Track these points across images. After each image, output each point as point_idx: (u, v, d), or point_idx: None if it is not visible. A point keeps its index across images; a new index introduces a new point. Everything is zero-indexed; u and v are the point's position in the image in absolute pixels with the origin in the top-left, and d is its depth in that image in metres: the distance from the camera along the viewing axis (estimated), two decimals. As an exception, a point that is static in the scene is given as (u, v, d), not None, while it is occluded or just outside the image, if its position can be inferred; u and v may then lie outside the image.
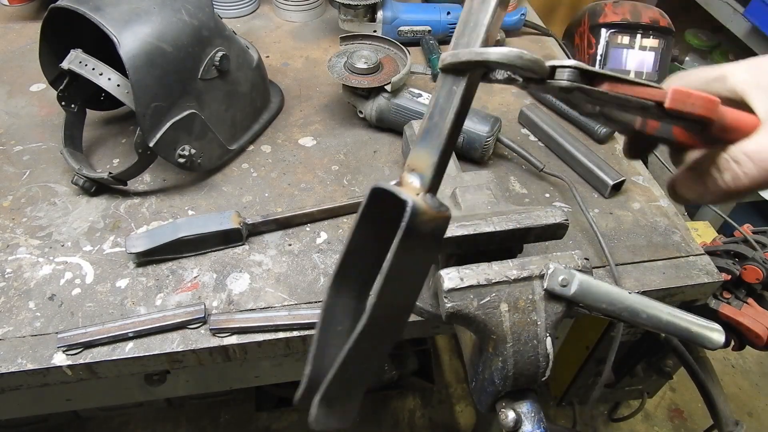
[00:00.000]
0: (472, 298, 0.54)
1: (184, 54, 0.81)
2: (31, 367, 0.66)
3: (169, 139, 0.83)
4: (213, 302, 0.74)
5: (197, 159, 0.87)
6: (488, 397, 0.58)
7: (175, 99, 0.82)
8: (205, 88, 0.86)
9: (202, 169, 0.90)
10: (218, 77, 0.87)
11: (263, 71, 1.01)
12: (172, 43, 0.80)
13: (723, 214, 1.10)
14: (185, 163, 0.85)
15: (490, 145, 0.93)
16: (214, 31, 0.85)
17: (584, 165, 0.94)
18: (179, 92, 0.82)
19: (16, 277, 0.76)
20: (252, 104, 0.97)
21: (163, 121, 0.81)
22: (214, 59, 0.85)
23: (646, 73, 1.71)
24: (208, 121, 0.88)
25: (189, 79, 0.83)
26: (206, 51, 0.84)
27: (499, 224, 0.61)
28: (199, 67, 0.84)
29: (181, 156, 0.85)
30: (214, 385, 0.98)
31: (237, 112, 0.94)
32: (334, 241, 0.83)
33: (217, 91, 0.89)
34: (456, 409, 1.74)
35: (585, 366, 1.24)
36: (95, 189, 0.87)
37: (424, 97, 0.96)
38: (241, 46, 0.93)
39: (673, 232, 0.87)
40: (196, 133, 0.86)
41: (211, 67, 0.85)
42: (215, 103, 0.89)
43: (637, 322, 0.54)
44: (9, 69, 1.13)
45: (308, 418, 0.37)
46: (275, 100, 1.06)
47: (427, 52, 1.18)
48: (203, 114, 0.86)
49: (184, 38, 0.81)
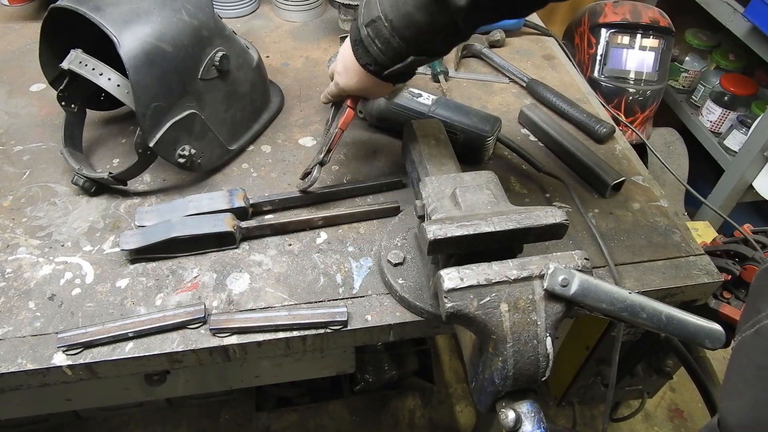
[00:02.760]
0: (472, 298, 0.54)
1: (184, 54, 0.81)
2: (31, 367, 0.66)
3: (169, 139, 0.83)
4: (213, 302, 0.74)
5: (197, 159, 0.87)
6: (488, 397, 0.58)
7: (175, 99, 0.82)
8: (205, 88, 0.86)
9: (202, 169, 0.90)
10: (218, 77, 0.87)
11: (263, 71, 1.01)
12: (172, 43, 0.80)
13: (723, 214, 1.10)
14: (185, 163, 0.85)
15: (490, 144, 0.93)
16: (214, 31, 0.85)
17: (584, 165, 0.94)
18: (179, 92, 0.82)
19: (16, 277, 0.76)
20: (252, 104, 0.97)
21: (163, 121, 0.81)
22: (214, 59, 0.85)
23: (646, 72, 1.71)
24: (208, 121, 0.88)
25: (189, 79, 0.83)
26: (206, 51, 0.84)
27: (499, 224, 0.61)
28: (199, 67, 0.84)
29: (181, 156, 0.85)
30: (214, 385, 0.98)
31: (237, 112, 0.94)
32: (334, 242, 0.83)
33: (217, 91, 0.89)
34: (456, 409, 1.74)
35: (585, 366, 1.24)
36: (95, 189, 0.87)
37: (424, 96, 0.96)
38: (241, 46, 0.93)
39: (673, 232, 0.87)
40: (196, 133, 0.86)
41: (211, 67, 0.85)
42: (215, 103, 0.89)
43: (637, 322, 0.54)
44: (9, 69, 1.13)
45: None
46: (275, 100, 1.06)
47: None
48: (203, 114, 0.86)
49: (184, 38, 0.81)
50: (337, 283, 0.77)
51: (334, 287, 0.77)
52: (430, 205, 0.68)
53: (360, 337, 0.74)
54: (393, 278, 0.74)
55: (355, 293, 0.76)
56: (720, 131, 1.87)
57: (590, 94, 1.16)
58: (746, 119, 1.75)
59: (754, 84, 1.87)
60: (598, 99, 1.15)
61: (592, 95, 1.16)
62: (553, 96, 1.09)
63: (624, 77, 1.69)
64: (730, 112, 1.82)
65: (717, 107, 1.84)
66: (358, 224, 0.85)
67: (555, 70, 1.21)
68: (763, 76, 1.91)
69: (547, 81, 1.15)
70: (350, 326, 0.72)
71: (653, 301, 0.54)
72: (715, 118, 1.86)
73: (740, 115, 1.79)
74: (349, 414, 1.70)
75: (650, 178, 0.97)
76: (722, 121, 1.85)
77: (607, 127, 1.02)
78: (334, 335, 0.72)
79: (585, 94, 1.16)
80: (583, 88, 1.18)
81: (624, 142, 1.05)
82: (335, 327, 0.71)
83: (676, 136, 1.99)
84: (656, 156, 1.09)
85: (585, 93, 1.16)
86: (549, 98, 1.10)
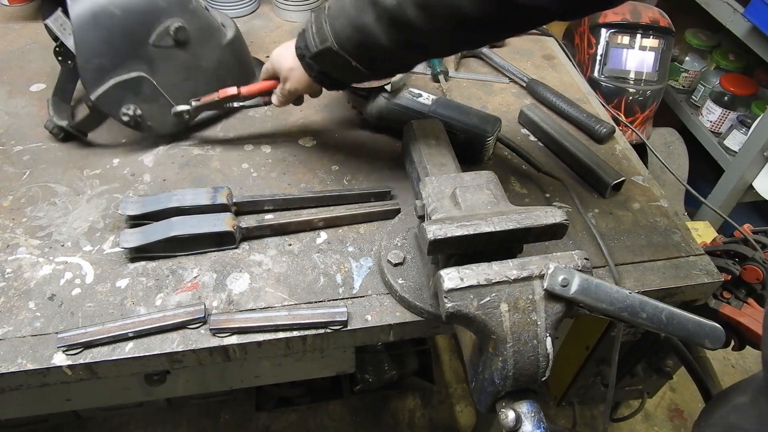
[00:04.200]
0: (472, 298, 0.54)
1: (134, 19, 0.86)
2: (31, 367, 0.66)
3: (114, 96, 0.88)
4: (213, 302, 0.74)
5: (146, 121, 0.92)
6: (488, 397, 0.58)
7: (122, 60, 0.87)
8: (158, 55, 0.90)
9: (153, 131, 0.95)
10: (175, 47, 0.91)
11: (240, 53, 1.03)
12: (122, 7, 0.85)
13: (723, 214, 1.10)
14: (129, 121, 0.91)
15: (490, 145, 0.93)
16: (173, 2, 0.89)
17: (584, 165, 0.94)
18: (126, 54, 0.88)
19: (16, 277, 0.76)
20: (220, 81, 0.99)
21: (107, 78, 0.87)
22: (170, 29, 0.89)
23: (646, 72, 1.71)
24: (162, 87, 0.92)
25: (139, 43, 0.88)
26: (161, 20, 0.89)
27: (499, 224, 0.61)
28: (151, 34, 0.88)
29: (125, 114, 0.90)
30: (214, 385, 0.98)
31: (200, 85, 0.97)
32: (334, 242, 0.83)
33: (174, 61, 0.92)
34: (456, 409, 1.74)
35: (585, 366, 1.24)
36: (63, 136, 0.95)
37: (424, 97, 0.96)
38: (209, 22, 0.96)
39: (673, 232, 0.87)
40: (146, 96, 0.91)
41: (166, 36, 0.89)
42: (171, 72, 0.93)
43: (637, 322, 0.54)
44: (9, 69, 1.13)
45: None
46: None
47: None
48: (155, 79, 0.91)
49: (135, 4, 0.86)
50: (337, 283, 0.77)
51: (334, 287, 0.77)
52: (430, 205, 0.68)
53: (360, 337, 0.74)
54: (393, 278, 0.74)
55: (355, 293, 0.76)
56: (720, 131, 1.87)
57: (590, 94, 1.16)
58: (746, 119, 1.75)
59: (754, 84, 1.87)
60: (598, 99, 1.15)
61: (592, 95, 1.16)
62: (553, 96, 1.09)
63: (624, 77, 1.69)
64: (730, 112, 1.82)
65: (717, 107, 1.84)
66: (358, 224, 0.85)
67: (555, 70, 1.21)
68: (763, 76, 1.91)
69: (547, 81, 1.15)
70: (350, 326, 0.72)
71: (653, 301, 0.54)
72: (715, 118, 1.86)
73: (740, 115, 1.79)
74: (349, 414, 1.70)
75: (650, 178, 0.97)
76: (722, 121, 1.85)
77: (607, 127, 1.02)
78: (334, 335, 0.72)
79: (585, 94, 1.16)
80: (583, 88, 1.18)
81: (624, 142, 1.05)
82: (335, 327, 0.71)
83: (676, 136, 1.99)
84: (656, 156, 1.09)
85: (585, 93, 1.16)
86: (549, 98, 1.10)
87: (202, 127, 1.01)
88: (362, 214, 0.85)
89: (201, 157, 0.95)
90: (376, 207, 0.86)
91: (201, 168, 0.93)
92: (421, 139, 0.82)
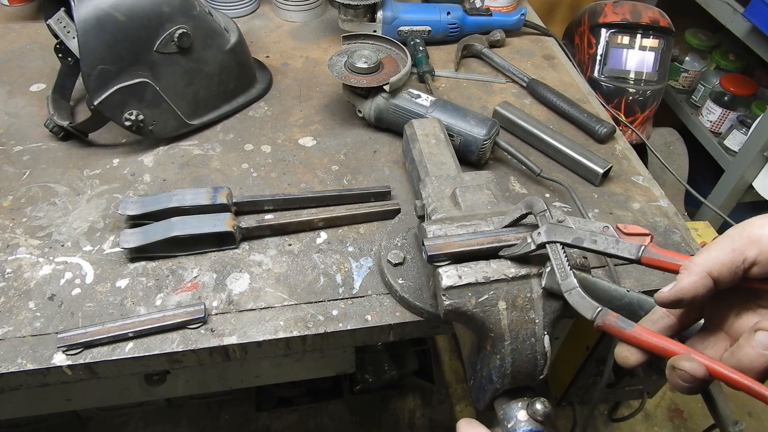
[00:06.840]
0: (471, 296, 0.55)
1: (138, 25, 0.86)
2: (31, 367, 0.66)
3: (116, 101, 0.88)
4: (213, 302, 0.74)
5: (148, 126, 0.92)
6: (486, 395, 0.58)
7: (126, 66, 0.87)
8: (161, 61, 0.90)
9: (154, 136, 0.95)
10: (178, 53, 0.91)
11: (242, 56, 1.03)
12: (127, 13, 0.84)
13: (723, 214, 1.10)
14: (131, 126, 0.90)
15: (487, 148, 0.93)
16: (177, 8, 0.89)
17: (571, 157, 0.94)
18: (130, 60, 0.87)
19: (16, 277, 0.76)
20: (222, 85, 1.00)
21: (110, 84, 0.86)
22: (174, 35, 0.88)
23: (646, 72, 1.71)
24: (164, 92, 0.92)
25: (142, 49, 0.88)
26: (165, 26, 0.88)
27: (499, 224, 0.61)
28: (155, 40, 0.88)
29: (127, 119, 0.89)
30: (214, 385, 0.98)
31: (201, 90, 0.97)
32: (334, 242, 0.83)
33: (177, 66, 0.92)
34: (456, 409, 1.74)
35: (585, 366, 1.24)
36: (63, 135, 0.95)
37: (422, 98, 0.96)
38: (212, 28, 0.96)
39: (673, 232, 0.87)
40: (148, 101, 0.91)
41: (170, 42, 0.89)
42: (174, 77, 0.93)
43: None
44: (9, 69, 1.13)
45: None
46: (259, 86, 1.08)
47: (413, 51, 1.17)
48: (158, 85, 0.91)
49: (139, 10, 0.85)
50: (337, 283, 0.77)
51: (334, 287, 0.77)
52: (430, 205, 0.68)
53: (360, 337, 0.74)
54: (393, 278, 0.74)
55: (355, 293, 0.76)
56: (720, 131, 1.87)
57: (590, 94, 1.16)
58: (746, 119, 1.75)
59: (754, 84, 1.87)
60: (598, 99, 1.16)
61: (592, 95, 1.16)
62: (553, 96, 1.09)
63: (624, 77, 1.69)
64: (730, 112, 1.82)
65: (717, 107, 1.84)
66: (358, 224, 0.85)
67: (555, 70, 1.22)
68: (763, 76, 1.91)
69: (547, 81, 1.15)
70: (350, 326, 0.72)
71: (651, 299, 0.54)
72: (715, 118, 1.86)
73: (740, 115, 1.79)
74: (349, 414, 1.70)
75: (650, 178, 0.97)
76: (722, 121, 1.85)
77: (608, 127, 1.02)
78: (334, 335, 0.72)
79: (585, 94, 1.16)
80: (583, 88, 1.18)
81: (624, 142, 1.05)
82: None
83: (676, 136, 1.99)
84: (656, 156, 1.09)
85: (585, 93, 1.16)
86: (549, 98, 1.10)
87: (202, 128, 1.01)
88: (362, 214, 0.85)
89: (201, 157, 0.96)
90: (376, 207, 0.86)
91: (201, 168, 0.94)
92: (421, 138, 0.82)
